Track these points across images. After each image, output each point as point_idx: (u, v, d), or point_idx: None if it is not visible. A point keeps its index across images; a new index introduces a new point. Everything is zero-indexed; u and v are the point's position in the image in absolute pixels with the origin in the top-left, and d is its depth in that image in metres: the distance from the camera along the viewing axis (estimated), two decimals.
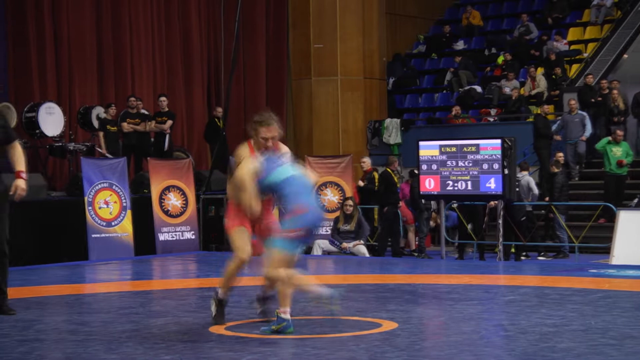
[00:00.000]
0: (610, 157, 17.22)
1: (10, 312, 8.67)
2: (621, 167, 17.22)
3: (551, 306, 8.83)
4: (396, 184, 16.43)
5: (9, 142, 9.11)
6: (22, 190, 9.01)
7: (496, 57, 23.67)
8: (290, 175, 7.30)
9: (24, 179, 9.05)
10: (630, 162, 17.48)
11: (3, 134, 9.02)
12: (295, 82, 22.49)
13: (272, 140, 7.58)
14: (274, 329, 7.22)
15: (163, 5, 20.41)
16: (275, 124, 7.60)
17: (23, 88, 17.65)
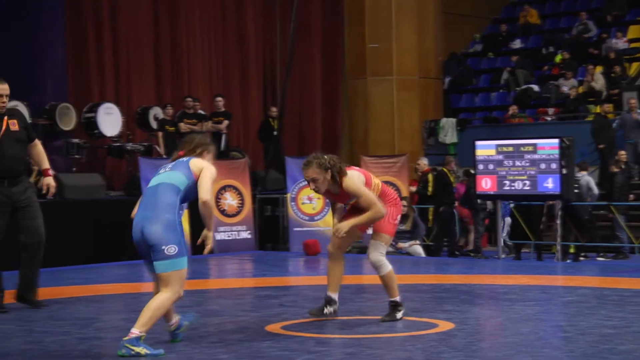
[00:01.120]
0: None
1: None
2: None
3: (611, 307, 8.72)
4: (452, 184, 16.33)
5: (31, 141, 9.21)
6: (53, 187, 9.20)
7: (554, 56, 23.43)
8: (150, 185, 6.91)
9: (52, 175, 9.21)
10: None
11: (25, 134, 9.10)
12: (351, 82, 22.47)
13: (315, 182, 7.55)
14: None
15: (219, 5, 20.53)
16: (315, 165, 7.53)
17: (82, 89, 17.86)
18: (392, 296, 7.86)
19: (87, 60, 17.95)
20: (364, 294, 9.97)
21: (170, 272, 6.58)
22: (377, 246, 7.76)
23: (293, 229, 16.10)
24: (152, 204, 6.68)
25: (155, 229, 6.57)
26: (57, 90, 16.89)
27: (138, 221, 6.71)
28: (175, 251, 6.57)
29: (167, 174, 6.81)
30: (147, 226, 6.60)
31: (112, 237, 15.04)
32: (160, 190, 6.71)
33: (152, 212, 6.63)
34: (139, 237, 6.69)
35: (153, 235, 6.57)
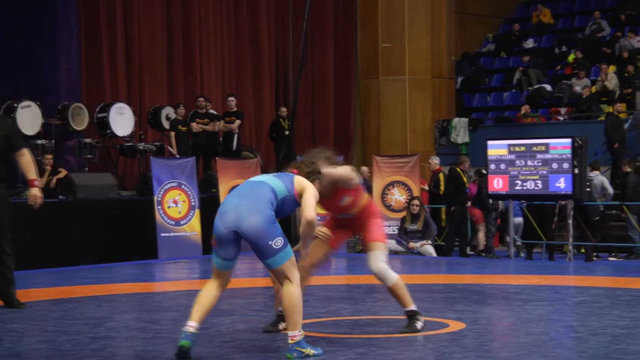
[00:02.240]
0: None
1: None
2: None
3: (623, 308, 8.69)
4: (465, 184, 16.31)
5: (14, 150, 9.01)
6: (40, 198, 9.00)
7: (567, 55, 23.36)
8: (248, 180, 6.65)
9: (38, 186, 9.03)
10: None
11: (4, 143, 8.90)
12: (363, 81, 22.47)
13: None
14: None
15: (232, 5, 20.56)
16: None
17: (95, 89, 17.92)
18: (406, 306, 7.33)
19: (100, 60, 18.01)
20: (375, 294, 9.97)
21: (284, 263, 6.31)
22: (376, 255, 7.26)
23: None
24: (249, 195, 6.33)
25: (255, 222, 6.22)
26: (69, 91, 16.94)
27: (230, 209, 6.29)
28: (282, 243, 6.29)
29: (270, 177, 6.54)
30: (244, 218, 6.23)
31: (124, 237, 15.09)
32: (261, 186, 6.41)
33: (249, 202, 6.27)
34: (228, 226, 6.27)
35: (255, 230, 6.23)
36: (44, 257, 13.84)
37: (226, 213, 6.32)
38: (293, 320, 6.29)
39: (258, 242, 6.26)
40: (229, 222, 6.29)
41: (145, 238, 15.11)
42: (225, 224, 6.30)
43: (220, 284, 6.53)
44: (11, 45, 16.65)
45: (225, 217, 6.31)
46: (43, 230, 14.11)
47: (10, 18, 16.67)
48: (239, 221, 6.26)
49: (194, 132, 17.57)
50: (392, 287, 7.26)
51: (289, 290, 6.33)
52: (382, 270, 7.23)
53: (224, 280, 6.54)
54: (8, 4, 16.73)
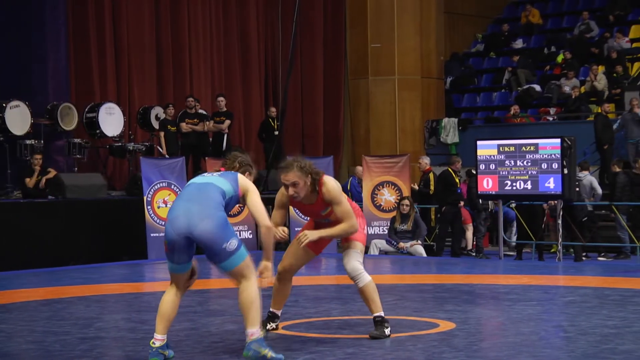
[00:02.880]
0: None
1: None
2: None
3: (612, 307, 8.72)
4: (456, 184, 16.32)
5: None
6: None
7: (556, 56, 23.41)
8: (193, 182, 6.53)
9: None
10: None
11: None
12: (353, 81, 22.48)
13: (295, 187, 6.85)
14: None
15: (221, 5, 20.54)
16: (296, 169, 6.85)
17: (84, 89, 17.89)
18: (374, 311, 7.12)
19: (89, 60, 17.98)
20: None
21: (239, 265, 6.28)
22: (353, 254, 7.09)
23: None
24: (198, 199, 6.24)
25: (208, 227, 6.15)
26: (58, 91, 16.91)
27: (180, 214, 6.21)
28: (235, 245, 6.27)
29: (215, 177, 6.46)
30: (196, 223, 6.15)
31: (114, 237, 15.06)
32: (209, 188, 6.32)
33: (200, 207, 6.19)
34: (180, 232, 6.19)
35: (207, 235, 6.16)
36: (33, 258, 13.80)
37: (177, 219, 6.22)
38: (251, 317, 6.19)
39: (212, 246, 6.20)
40: (180, 227, 6.20)
41: (135, 238, 15.09)
42: (176, 230, 6.21)
43: (178, 289, 6.50)
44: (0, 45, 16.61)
45: (176, 222, 6.22)
46: (32, 231, 14.07)
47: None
48: (191, 226, 6.18)
49: (183, 132, 17.55)
50: (363, 288, 7.09)
51: (246, 287, 6.29)
52: (356, 270, 7.07)
53: (181, 284, 6.51)
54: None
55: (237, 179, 6.50)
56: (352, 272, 7.09)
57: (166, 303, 6.43)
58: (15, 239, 13.89)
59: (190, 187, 6.44)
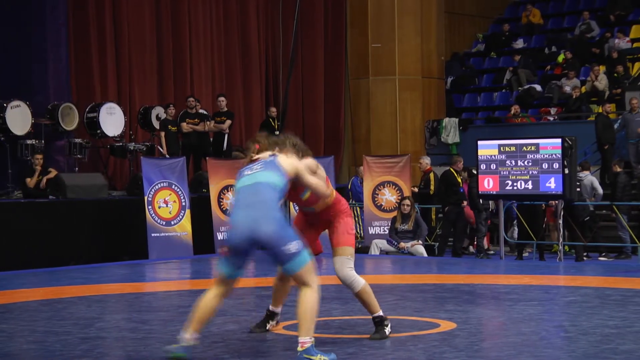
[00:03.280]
0: None
1: None
2: None
3: (613, 307, 8.71)
4: (458, 184, 16.31)
5: None
6: None
7: (556, 56, 23.41)
8: (243, 185, 6.49)
9: None
10: None
11: None
12: (353, 81, 22.47)
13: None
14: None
15: (222, 5, 20.54)
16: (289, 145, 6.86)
17: (84, 89, 17.89)
18: (373, 312, 7.13)
19: (90, 60, 17.98)
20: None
21: (302, 269, 6.29)
22: (343, 262, 7.04)
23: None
24: (255, 205, 6.31)
25: (272, 230, 6.22)
26: (59, 90, 16.91)
27: (242, 221, 6.28)
28: (297, 247, 6.28)
29: (261, 173, 6.45)
30: (263, 228, 6.22)
31: (115, 237, 15.06)
32: (261, 189, 6.37)
33: (259, 212, 6.27)
34: (244, 237, 6.26)
35: (270, 237, 6.22)
36: (34, 258, 13.81)
37: (239, 226, 6.29)
38: (306, 327, 6.21)
39: (274, 248, 6.25)
40: (243, 232, 6.27)
41: (136, 238, 15.09)
42: (240, 235, 6.28)
43: (222, 293, 6.47)
44: (0, 45, 16.61)
45: (239, 229, 6.29)
46: (33, 231, 14.07)
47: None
48: (254, 231, 6.24)
49: (184, 132, 17.55)
50: (359, 293, 7.10)
51: (306, 295, 6.30)
52: (349, 277, 7.04)
53: (228, 289, 6.50)
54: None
55: (280, 163, 6.53)
56: (345, 279, 7.07)
57: (205, 303, 6.43)
58: (15, 239, 13.89)
59: (244, 193, 6.43)
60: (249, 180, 6.48)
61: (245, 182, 6.49)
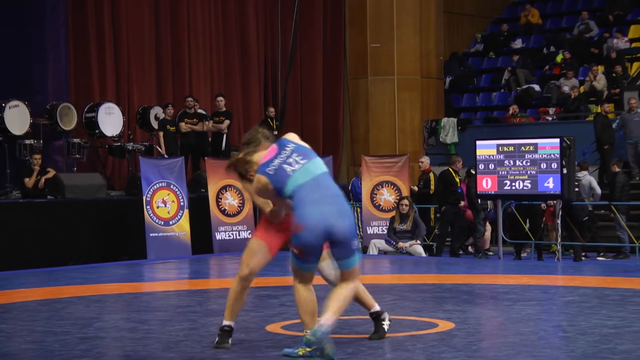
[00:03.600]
0: None
1: None
2: None
3: (611, 307, 8.72)
4: (456, 184, 16.31)
5: None
6: None
7: (555, 56, 23.41)
8: (304, 181, 6.30)
9: None
10: None
11: None
12: (352, 81, 22.47)
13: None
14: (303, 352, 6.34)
15: (220, 5, 20.53)
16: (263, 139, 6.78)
17: (83, 89, 17.88)
18: (370, 308, 7.03)
19: (88, 60, 17.97)
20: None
21: (355, 267, 6.33)
22: (329, 265, 6.80)
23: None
24: (325, 198, 6.22)
25: (347, 224, 6.20)
26: (58, 90, 16.91)
27: (317, 219, 6.14)
28: (357, 244, 6.32)
29: (309, 164, 6.33)
30: (339, 222, 6.15)
31: (113, 237, 15.06)
32: (322, 181, 6.28)
33: (332, 206, 6.18)
34: (320, 235, 6.16)
35: (347, 231, 6.19)
36: (32, 258, 13.81)
37: (314, 225, 6.17)
38: (335, 308, 6.25)
39: (345, 242, 6.24)
40: (319, 231, 6.18)
41: (134, 238, 15.09)
42: (316, 236, 6.19)
43: (308, 283, 6.45)
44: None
45: (315, 229, 6.17)
46: (31, 231, 14.07)
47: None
48: (331, 226, 6.18)
49: (182, 132, 17.55)
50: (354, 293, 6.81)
51: (346, 286, 6.35)
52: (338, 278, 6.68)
53: (310, 278, 6.46)
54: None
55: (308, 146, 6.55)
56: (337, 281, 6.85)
57: (307, 299, 6.41)
58: (14, 239, 13.89)
59: (306, 189, 6.27)
60: (303, 174, 6.31)
61: (301, 177, 6.30)
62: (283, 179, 6.33)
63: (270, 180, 6.35)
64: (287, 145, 6.48)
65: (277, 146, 6.52)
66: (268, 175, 6.37)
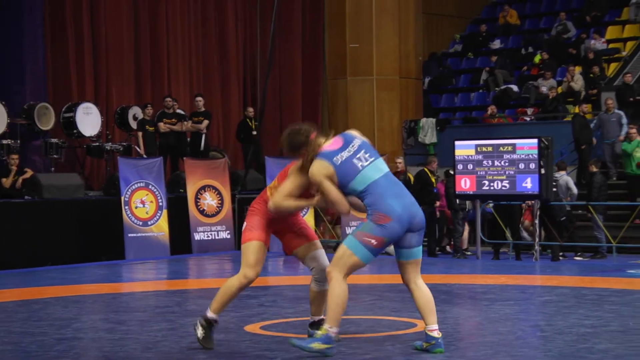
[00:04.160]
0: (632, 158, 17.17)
1: None
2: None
3: (589, 307, 8.77)
4: (433, 184, 16.35)
5: None
6: None
7: (533, 56, 23.51)
8: (377, 177, 6.38)
9: None
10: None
11: None
12: (331, 82, 22.48)
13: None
14: (317, 347, 6.29)
15: (200, 5, 20.49)
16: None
17: (61, 88, 17.80)
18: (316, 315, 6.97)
19: (66, 60, 17.89)
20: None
21: (420, 257, 6.57)
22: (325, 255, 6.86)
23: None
24: (402, 191, 6.40)
25: (423, 215, 6.47)
26: (35, 90, 16.82)
27: (403, 211, 6.30)
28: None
29: (378, 162, 6.44)
30: (419, 212, 6.39)
31: (91, 238, 15.00)
32: (393, 177, 6.47)
33: (410, 198, 6.41)
34: (405, 226, 6.32)
35: (423, 222, 6.46)
36: (10, 258, 13.73)
37: (403, 215, 6.31)
38: (434, 313, 6.53)
39: (420, 231, 6.46)
40: (405, 222, 6.32)
41: (113, 238, 15.04)
42: (403, 226, 6.33)
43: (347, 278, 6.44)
44: None
45: (403, 219, 6.31)
46: (9, 231, 13.99)
47: None
48: (414, 217, 6.37)
49: (161, 132, 17.50)
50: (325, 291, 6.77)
51: (424, 286, 6.55)
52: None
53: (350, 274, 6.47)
54: None
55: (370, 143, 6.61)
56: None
57: (345, 295, 6.37)
58: None
59: (384, 184, 6.36)
60: (375, 170, 6.39)
61: (372, 174, 6.37)
62: (351, 173, 6.39)
63: (336, 171, 6.38)
64: (353, 139, 6.53)
65: (342, 139, 6.53)
66: (334, 165, 6.39)
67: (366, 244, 6.31)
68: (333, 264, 6.37)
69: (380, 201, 6.31)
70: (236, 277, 6.73)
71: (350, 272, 6.39)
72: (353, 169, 6.36)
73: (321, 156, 6.42)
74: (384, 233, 6.29)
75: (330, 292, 6.31)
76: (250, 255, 6.67)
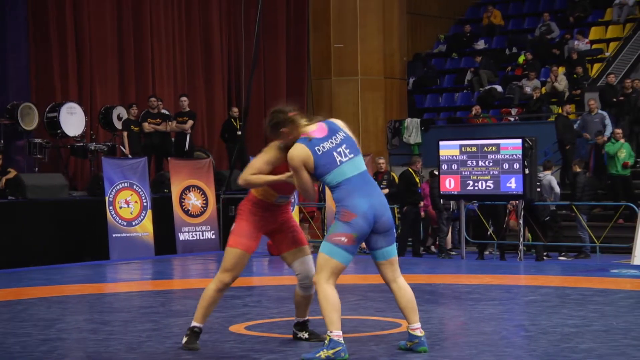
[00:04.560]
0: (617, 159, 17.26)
1: None
2: (626, 169, 17.25)
3: (572, 306, 8.80)
4: (417, 184, 16.38)
5: None
6: None
7: (517, 57, 23.59)
8: (352, 174, 6.39)
9: None
10: (633, 163, 17.55)
11: None
12: (316, 82, 22.49)
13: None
14: (325, 355, 6.23)
15: (184, 5, 20.45)
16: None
17: (45, 88, 17.72)
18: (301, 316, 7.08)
19: (50, 59, 17.81)
20: None
21: (396, 255, 6.61)
22: (312, 261, 6.82)
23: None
24: (373, 191, 6.41)
25: (390, 216, 6.49)
26: (18, 90, 16.76)
27: (369, 209, 6.32)
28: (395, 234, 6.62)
29: (356, 160, 6.43)
30: (385, 213, 6.41)
31: (75, 238, 14.95)
32: (367, 176, 6.46)
33: (379, 198, 6.41)
34: (371, 224, 6.35)
35: (391, 221, 6.50)
36: None
37: (368, 213, 6.33)
38: (416, 313, 6.56)
39: (389, 231, 6.48)
40: (371, 220, 6.35)
41: (97, 239, 15.00)
42: (369, 224, 6.36)
43: (334, 281, 6.42)
44: None
45: (368, 216, 6.33)
46: None
47: None
48: (380, 217, 6.38)
49: (146, 132, 17.46)
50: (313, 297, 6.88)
51: (405, 285, 6.61)
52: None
53: (339, 274, 6.46)
54: None
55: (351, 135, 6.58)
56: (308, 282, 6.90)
57: (335, 297, 6.35)
58: None
59: (356, 181, 6.38)
60: (352, 167, 6.41)
61: (349, 170, 6.39)
62: (329, 167, 6.40)
63: (315, 160, 6.38)
64: (338, 130, 6.53)
65: (327, 127, 6.52)
66: (315, 154, 6.39)
67: (338, 243, 6.34)
68: (317, 272, 6.41)
69: (347, 198, 6.35)
70: (212, 281, 6.80)
71: (335, 275, 6.39)
72: (332, 163, 6.39)
73: (304, 141, 6.43)
74: (351, 229, 6.32)
75: (320, 299, 6.33)
76: (229, 260, 6.75)
